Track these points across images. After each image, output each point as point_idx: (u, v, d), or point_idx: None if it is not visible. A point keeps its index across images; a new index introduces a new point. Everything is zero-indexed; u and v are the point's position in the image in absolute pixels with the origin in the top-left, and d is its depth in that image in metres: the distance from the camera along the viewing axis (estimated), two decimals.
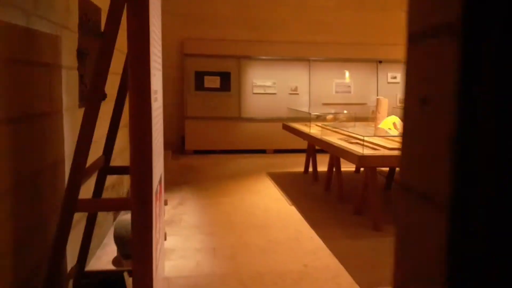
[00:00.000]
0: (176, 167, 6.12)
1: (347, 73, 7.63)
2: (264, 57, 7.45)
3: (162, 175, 2.53)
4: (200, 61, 7.17)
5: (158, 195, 2.21)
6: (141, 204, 1.87)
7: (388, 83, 7.95)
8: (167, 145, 7.24)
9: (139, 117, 1.84)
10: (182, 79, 7.34)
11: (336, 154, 3.89)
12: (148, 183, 1.86)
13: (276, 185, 5.09)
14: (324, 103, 7.52)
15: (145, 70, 1.84)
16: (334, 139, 4.11)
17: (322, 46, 7.72)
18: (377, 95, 7.84)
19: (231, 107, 7.29)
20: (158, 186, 2.23)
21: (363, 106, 7.67)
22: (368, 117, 6.15)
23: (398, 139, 3.86)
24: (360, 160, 3.27)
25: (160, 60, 2.41)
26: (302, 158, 5.97)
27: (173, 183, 5.05)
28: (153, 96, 1.99)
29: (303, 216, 3.96)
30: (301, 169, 5.91)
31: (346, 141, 4.02)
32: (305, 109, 7.39)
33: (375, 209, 3.62)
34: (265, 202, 4.37)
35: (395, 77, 7.98)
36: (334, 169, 4.68)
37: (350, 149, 3.45)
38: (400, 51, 8.09)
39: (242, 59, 7.34)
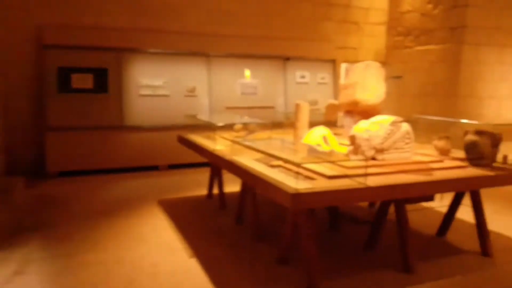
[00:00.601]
0: (28, 201, 4.40)
1: (247, 71, 6.57)
2: (152, 50, 6.03)
3: None
4: (66, 55, 5.47)
5: None
6: None
7: (297, 83, 7.08)
8: (18, 168, 5.55)
9: None
10: (40, 78, 5.57)
11: (256, 186, 2.72)
12: None
13: (170, 222, 3.78)
14: (228, 107, 6.36)
15: None
16: (249, 160, 2.95)
17: (225, 39, 6.54)
18: (285, 97, 6.93)
19: (110, 114, 5.72)
20: None
21: (271, 110, 6.70)
22: (281, 122, 5.16)
23: (339, 160, 2.84)
24: (294, 199, 2.14)
25: None
26: (204, 174, 4.74)
27: (16, 231, 3.46)
28: None
29: (208, 277, 2.73)
30: (204, 190, 4.68)
31: (265, 163, 2.89)
32: (205, 114, 6.17)
33: (310, 263, 2.55)
34: (155, 257, 3.04)
35: (304, 76, 7.14)
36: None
37: (279, 182, 2.31)
38: (309, 47, 7.32)
39: (123, 52, 5.83)
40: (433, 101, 6.91)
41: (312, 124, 4.17)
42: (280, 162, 2.79)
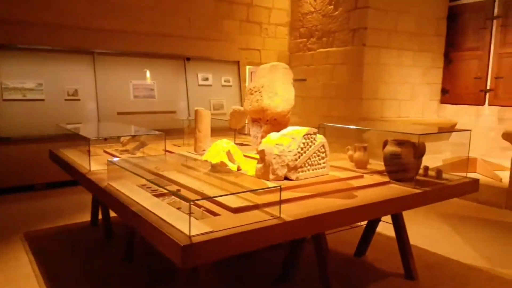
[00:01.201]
0: None
1: (148, 73, 5.86)
2: (22, 46, 5.00)
3: None
4: None
5: None
6: None
7: (200, 85, 6.49)
8: None
9: None
10: None
11: (137, 227, 2.06)
12: None
13: (36, 266, 2.94)
14: (120, 112, 5.55)
15: None
16: (131, 187, 2.29)
17: (114, 35, 5.70)
18: (187, 100, 6.31)
19: None
20: None
21: (172, 116, 6.02)
22: (181, 128, 4.54)
23: (246, 183, 2.31)
24: (186, 254, 1.55)
25: None
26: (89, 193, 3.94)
27: None
28: None
29: None
30: (88, 215, 3.88)
31: (152, 192, 2.25)
32: (92, 121, 5.29)
33: None
34: None
35: (207, 79, 6.58)
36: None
37: (166, 225, 1.71)
38: (211, 47, 6.76)
39: None
40: (337, 103, 6.80)
41: (217, 131, 3.63)
42: (173, 186, 2.19)
